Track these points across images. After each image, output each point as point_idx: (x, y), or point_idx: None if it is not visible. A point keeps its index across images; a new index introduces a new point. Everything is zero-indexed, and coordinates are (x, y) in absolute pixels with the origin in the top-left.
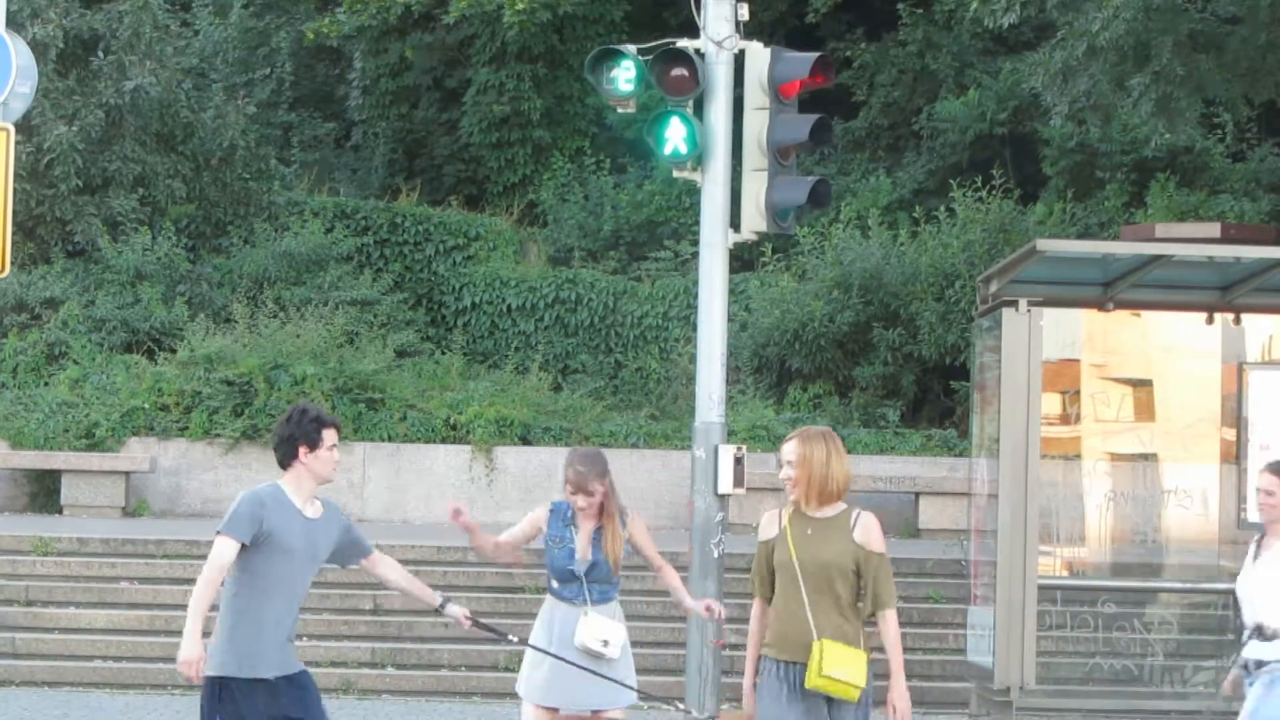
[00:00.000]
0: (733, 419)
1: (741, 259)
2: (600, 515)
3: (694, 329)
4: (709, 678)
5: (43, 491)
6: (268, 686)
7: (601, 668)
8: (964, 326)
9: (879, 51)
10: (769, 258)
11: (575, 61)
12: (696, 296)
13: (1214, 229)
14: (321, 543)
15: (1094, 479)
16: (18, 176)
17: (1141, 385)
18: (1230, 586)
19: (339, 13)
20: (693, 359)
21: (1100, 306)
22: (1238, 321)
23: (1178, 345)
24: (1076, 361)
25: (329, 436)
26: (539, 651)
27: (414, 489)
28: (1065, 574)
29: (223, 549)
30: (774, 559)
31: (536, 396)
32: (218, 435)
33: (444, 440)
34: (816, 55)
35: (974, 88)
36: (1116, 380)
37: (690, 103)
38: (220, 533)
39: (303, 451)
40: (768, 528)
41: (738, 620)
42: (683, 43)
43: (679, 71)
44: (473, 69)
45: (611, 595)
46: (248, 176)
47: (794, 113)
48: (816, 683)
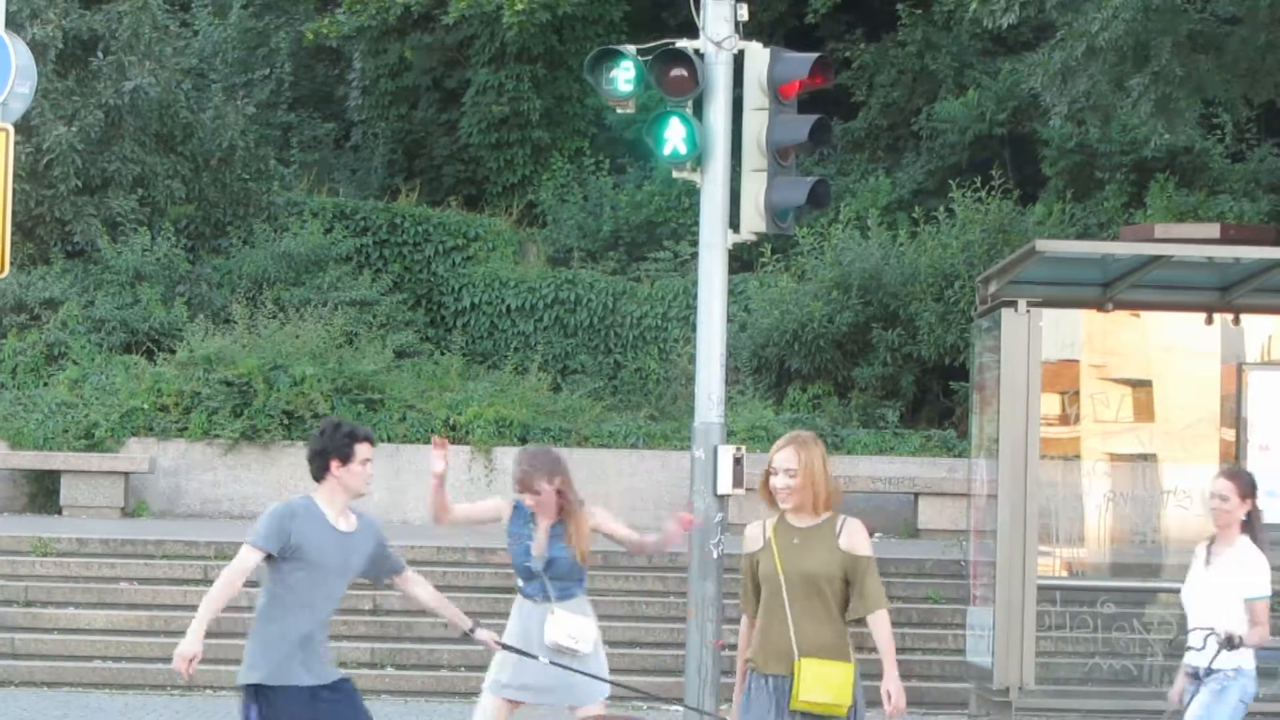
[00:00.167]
0: (732, 419)
1: (741, 259)
2: (559, 513)
3: (693, 329)
4: (708, 678)
5: (42, 492)
6: (304, 694)
7: (573, 664)
8: (963, 327)
9: (878, 52)
10: (768, 258)
11: (574, 62)
12: (696, 297)
13: (1213, 229)
14: (354, 556)
15: (1093, 479)
16: (17, 177)
17: (1141, 386)
18: None
19: (338, 13)
20: (692, 359)
21: (1099, 307)
22: (1237, 322)
23: (1177, 346)
24: (1076, 362)
25: (361, 450)
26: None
27: (413, 489)
28: (1064, 574)
29: (245, 557)
30: (760, 571)
31: (536, 397)
32: (217, 436)
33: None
34: (816, 56)
35: (973, 88)
36: (1116, 381)
37: (689, 103)
38: (247, 541)
39: (335, 465)
40: (752, 540)
41: (736, 622)
42: (682, 43)
43: (678, 72)
44: (472, 69)
45: (575, 591)
46: (247, 177)
47: (793, 113)
48: (799, 706)
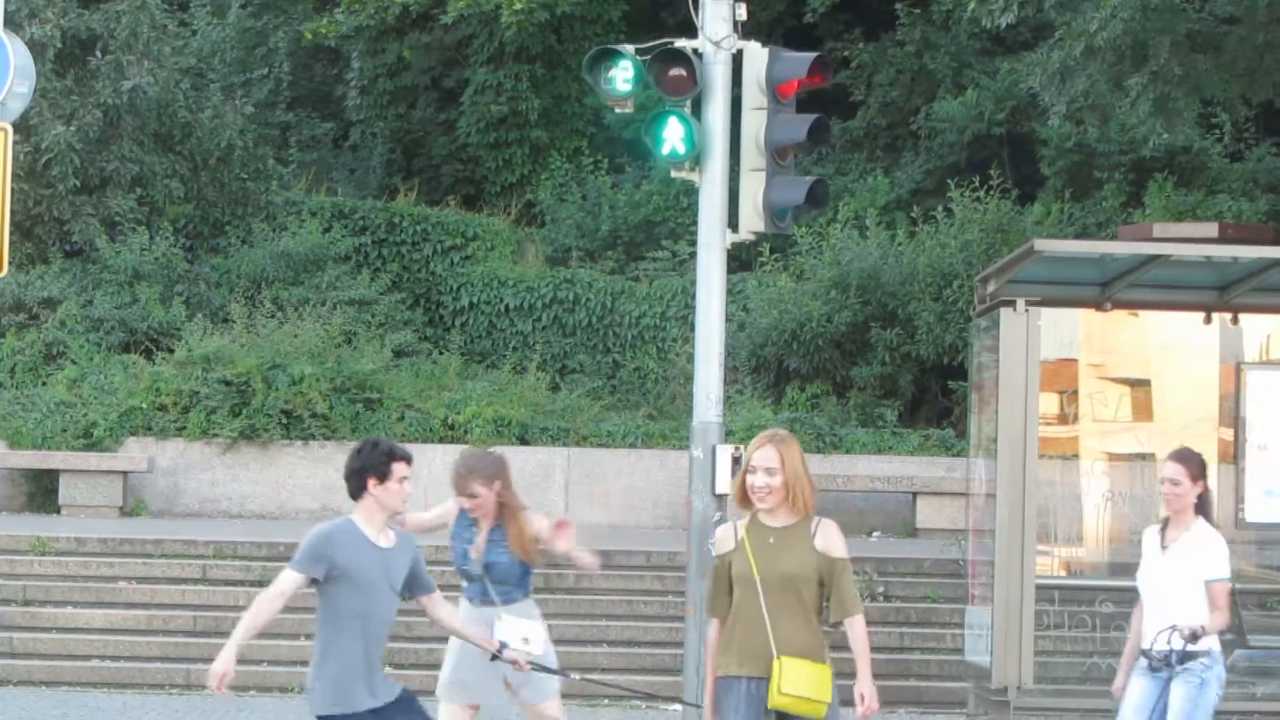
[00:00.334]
0: (730, 419)
1: (739, 259)
2: (499, 516)
3: (692, 329)
4: (707, 678)
5: (40, 491)
6: (375, 715)
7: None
8: (962, 326)
9: (877, 51)
10: (767, 258)
11: (573, 61)
12: (694, 296)
13: (1212, 229)
14: (396, 571)
15: (1092, 479)
16: (15, 176)
17: (1139, 385)
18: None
19: (337, 13)
20: (690, 359)
21: (1098, 306)
22: (1235, 321)
23: (1175, 345)
24: (1074, 361)
25: (399, 469)
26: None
27: (412, 489)
28: (1063, 573)
29: (284, 579)
30: (732, 572)
31: (534, 396)
32: (215, 435)
33: (442, 440)
34: (814, 55)
35: (972, 88)
36: (1114, 380)
37: (688, 103)
38: (288, 564)
39: (372, 483)
40: (724, 541)
41: None
42: (680, 42)
43: (677, 71)
44: (470, 69)
45: (516, 596)
46: (245, 176)
47: (792, 113)
48: (779, 702)
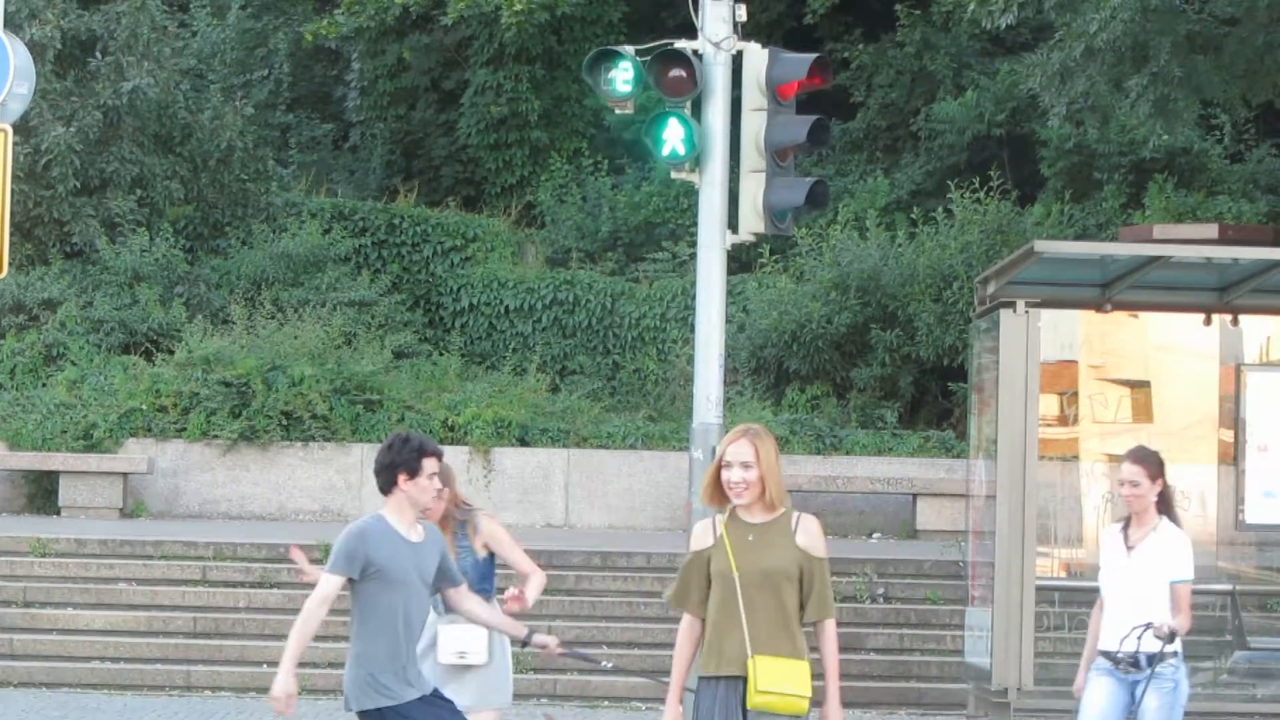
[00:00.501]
0: (730, 420)
1: (739, 260)
2: (449, 521)
3: (692, 330)
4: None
5: (40, 492)
6: (422, 704)
7: (467, 674)
8: (962, 328)
9: (877, 52)
10: (767, 259)
11: (573, 62)
12: (694, 298)
13: (1212, 230)
14: (428, 566)
15: (1092, 480)
16: (15, 177)
17: (1139, 386)
18: (1228, 587)
19: (337, 14)
20: (690, 360)
21: (1098, 308)
22: (1235, 323)
23: (1175, 346)
24: (1074, 363)
25: (429, 465)
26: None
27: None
28: (1063, 575)
29: (325, 585)
30: (711, 569)
31: (534, 398)
32: (215, 436)
33: (442, 441)
34: (814, 56)
35: (972, 89)
36: (1114, 381)
37: (688, 104)
38: (324, 570)
39: (402, 479)
40: (701, 537)
41: None
42: (680, 44)
43: (677, 72)
44: (470, 70)
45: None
46: (245, 177)
47: (792, 114)
48: (757, 701)
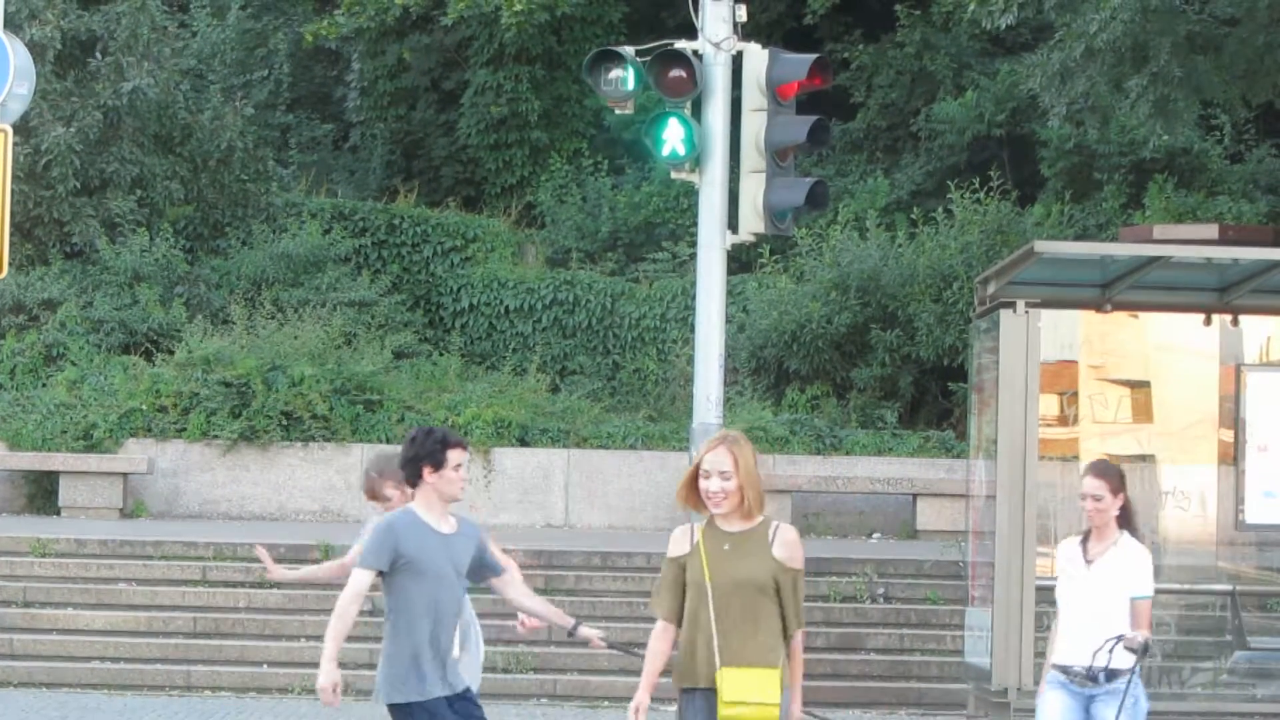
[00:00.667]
0: (730, 420)
1: (739, 260)
2: None
3: (692, 330)
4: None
5: (40, 493)
6: (444, 704)
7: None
8: (962, 328)
9: (877, 53)
10: (767, 259)
11: (573, 63)
12: (694, 298)
13: (1212, 230)
14: (460, 557)
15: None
16: (15, 178)
17: (1139, 387)
18: (1228, 588)
19: (337, 14)
20: (690, 360)
21: (1098, 308)
22: (1235, 323)
23: (1175, 347)
24: (1074, 363)
25: (454, 456)
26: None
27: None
28: None
29: (357, 579)
30: (687, 577)
31: (534, 398)
32: (215, 437)
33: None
34: (814, 57)
35: (972, 89)
36: (1114, 382)
37: (688, 104)
38: (356, 565)
39: (427, 472)
40: (679, 543)
41: None
42: (681, 44)
43: (677, 73)
44: (470, 70)
45: None
46: (245, 178)
47: (792, 114)
48: (725, 715)
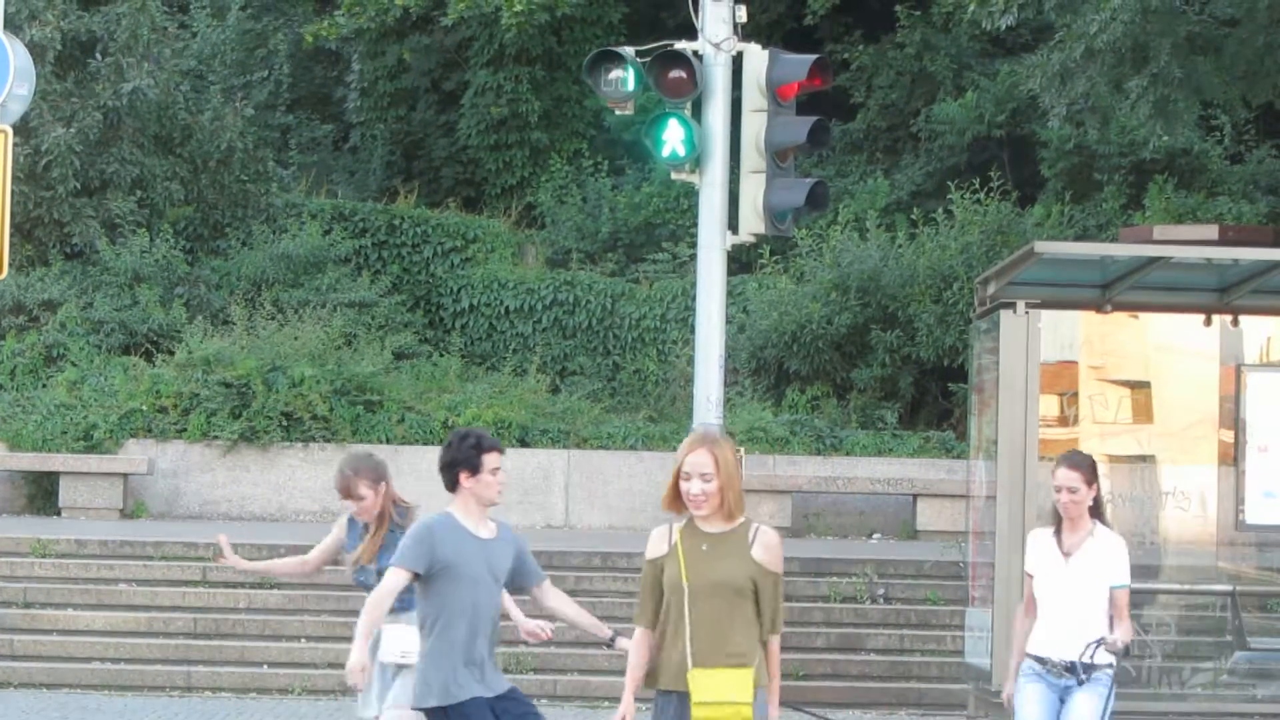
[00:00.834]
0: (730, 421)
1: (739, 261)
2: (385, 521)
3: (692, 331)
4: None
5: (40, 493)
6: (484, 705)
7: (408, 674)
8: (962, 328)
9: (877, 54)
10: (767, 260)
11: (573, 63)
12: (694, 299)
13: (1212, 231)
14: (498, 562)
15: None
16: (15, 178)
17: (1139, 387)
18: (1228, 588)
19: (337, 15)
20: (690, 361)
21: (1098, 308)
22: (1236, 323)
23: (1176, 347)
24: (1074, 363)
25: (489, 460)
26: None
27: (412, 491)
28: None
29: (391, 578)
30: (664, 579)
31: (534, 399)
32: (216, 437)
33: (442, 442)
34: (814, 57)
35: (972, 90)
36: (1114, 382)
37: (688, 105)
38: (392, 564)
39: (464, 476)
40: (657, 544)
41: None
42: (681, 45)
43: (677, 73)
44: (470, 71)
45: (412, 604)
46: (246, 178)
47: (792, 115)
48: (697, 716)
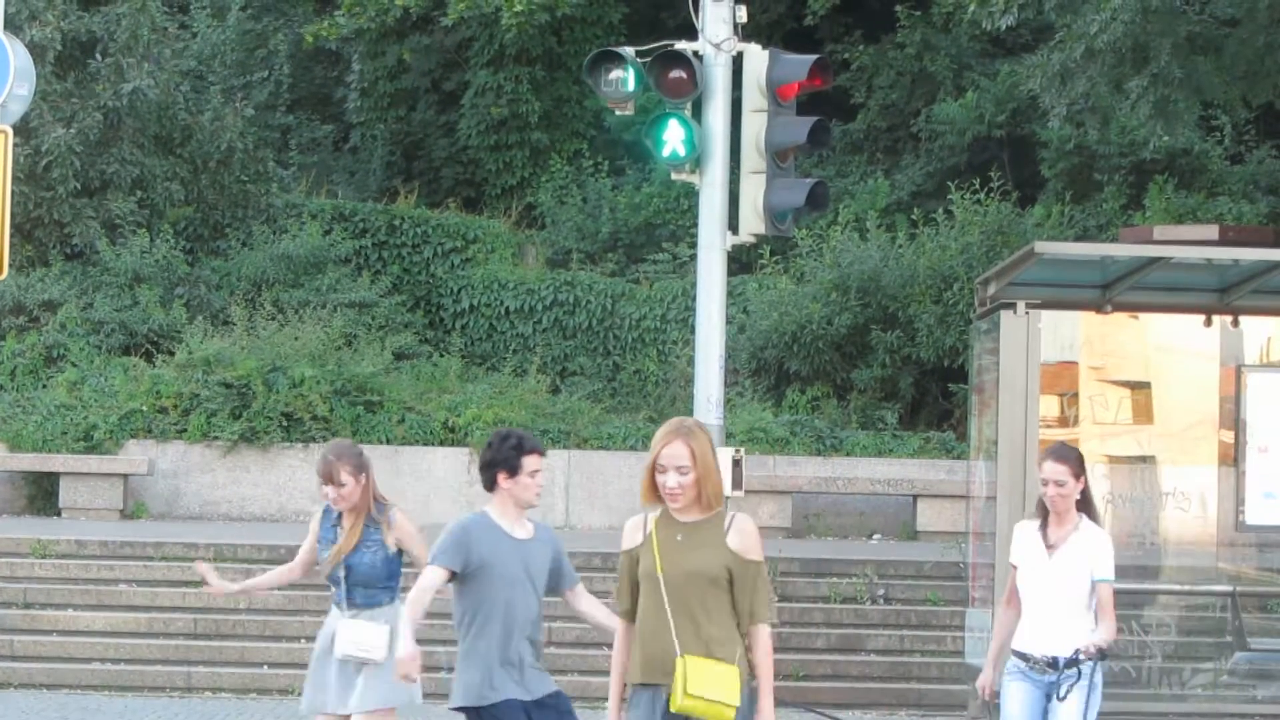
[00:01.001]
0: (731, 421)
1: (740, 261)
2: (364, 512)
3: (692, 331)
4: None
5: (41, 494)
6: (519, 708)
7: (367, 671)
8: (962, 329)
9: (877, 54)
10: (767, 260)
11: (573, 64)
12: (695, 299)
13: (1212, 231)
14: (535, 563)
15: (1092, 481)
16: (15, 179)
17: (1140, 388)
18: (1228, 588)
19: (337, 15)
20: (691, 361)
21: (1099, 309)
22: (1236, 324)
23: (1176, 347)
24: (1075, 364)
25: (529, 463)
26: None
27: (412, 491)
28: None
29: (429, 575)
30: (639, 569)
31: (534, 399)
32: (216, 438)
33: (442, 443)
34: (814, 57)
35: (972, 90)
36: (1115, 383)
37: (688, 105)
38: (428, 562)
39: (502, 477)
40: (631, 535)
41: None
42: (681, 45)
43: (677, 74)
44: (471, 71)
45: (381, 600)
46: (246, 179)
47: (792, 115)
48: (683, 705)
